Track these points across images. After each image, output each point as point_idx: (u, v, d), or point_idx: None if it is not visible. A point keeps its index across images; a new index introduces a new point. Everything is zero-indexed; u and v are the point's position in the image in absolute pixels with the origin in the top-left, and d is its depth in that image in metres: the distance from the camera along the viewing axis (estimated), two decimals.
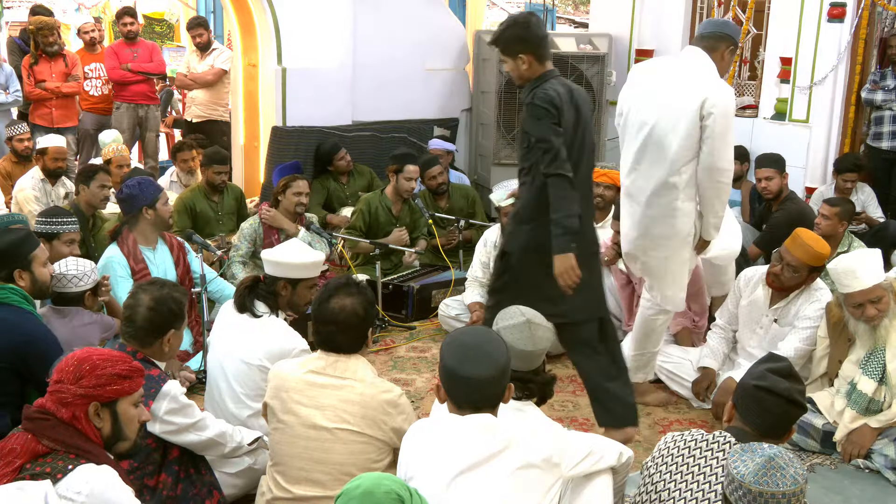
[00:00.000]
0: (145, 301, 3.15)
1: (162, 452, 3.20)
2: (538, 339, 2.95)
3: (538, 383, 2.96)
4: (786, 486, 2.15)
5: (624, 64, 8.15)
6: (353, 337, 3.07)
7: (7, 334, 3.37)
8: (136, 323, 3.13)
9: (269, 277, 3.77)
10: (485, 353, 2.54)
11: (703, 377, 4.60)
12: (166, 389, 3.09)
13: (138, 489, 3.08)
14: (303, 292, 3.80)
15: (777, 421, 2.61)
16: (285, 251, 3.85)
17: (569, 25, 17.67)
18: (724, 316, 4.76)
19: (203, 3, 12.60)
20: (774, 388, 2.59)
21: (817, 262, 4.34)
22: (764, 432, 2.61)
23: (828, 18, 6.74)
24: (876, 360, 3.90)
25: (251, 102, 7.47)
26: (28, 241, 3.66)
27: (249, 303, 3.70)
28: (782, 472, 2.16)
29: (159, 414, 3.08)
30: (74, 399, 2.38)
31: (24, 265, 3.58)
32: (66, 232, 4.60)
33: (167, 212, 4.91)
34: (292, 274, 3.75)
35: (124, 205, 4.89)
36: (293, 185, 5.60)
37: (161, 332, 3.16)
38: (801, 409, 2.64)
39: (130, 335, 3.15)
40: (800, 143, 7.00)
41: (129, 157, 6.91)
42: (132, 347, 3.13)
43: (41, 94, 8.07)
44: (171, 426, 3.13)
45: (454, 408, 2.57)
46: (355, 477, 2.14)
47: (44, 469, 2.29)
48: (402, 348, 5.36)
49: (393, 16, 7.58)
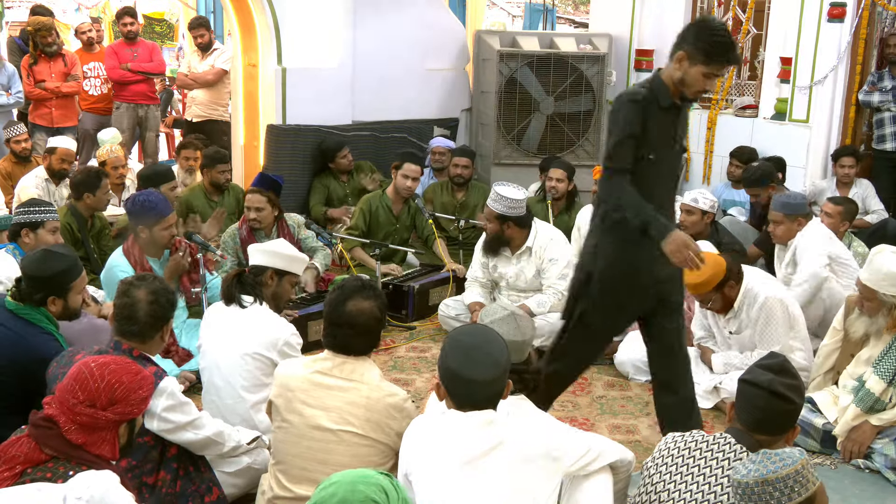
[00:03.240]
0: (143, 296, 3.13)
1: (160, 450, 3.19)
2: (524, 328, 3.02)
3: (532, 373, 3.00)
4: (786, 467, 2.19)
5: (624, 64, 8.16)
6: (368, 340, 3.08)
7: (19, 350, 3.35)
8: (140, 319, 3.11)
9: (256, 268, 3.87)
10: (486, 353, 2.55)
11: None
12: (163, 386, 3.07)
13: (137, 487, 3.08)
14: (286, 286, 3.90)
15: (764, 415, 2.59)
16: (275, 243, 4.05)
17: (569, 25, 17.67)
18: (699, 326, 4.81)
19: (203, 3, 12.60)
20: (756, 380, 2.60)
21: (715, 281, 4.36)
22: (753, 428, 2.61)
23: (828, 18, 6.74)
24: (889, 361, 3.88)
25: (251, 102, 7.47)
26: (74, 269, 3.59)
27: (236, 294, 3.74)
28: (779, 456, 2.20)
29: (157, 411, 3.06)
30: (108, 424, 2.41)
31: (60, 293, 3.53)
32: (49, 220, 4.62)
33: (164, 237, 4.77)
34: (280, 264, 3.86)
35: (129, 214, 4.88)
36: (245, 198, 5.61)
37: (162, 324, 3.19)
38: (786, 403, 2.59)
39: (132, 333, 3.12)
40: (800, 143, 7.00)
41: (124, 158, 6.90)
42: (129, 345, 3.11)
43: (41, 94, 8.07)
44: (168, 424, 3.12)
45: (455, 406, 2.58)
46: (329, 477, 2.04)
47: (44, 475, 2.30)
48: (402, 348, 5.35)
49: (393, 16, 7.58)
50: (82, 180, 5.53)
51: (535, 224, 5.28)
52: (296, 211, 6.53)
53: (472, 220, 6.52)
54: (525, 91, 7.55)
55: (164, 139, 10.72)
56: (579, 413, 4.54)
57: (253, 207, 5.50)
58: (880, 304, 3.91)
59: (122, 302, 3.14)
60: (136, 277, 3.29)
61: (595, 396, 4.75)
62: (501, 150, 7.71)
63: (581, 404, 4.63)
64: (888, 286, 3.87)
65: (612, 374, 5.04)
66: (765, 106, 7.35)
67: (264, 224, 5.53)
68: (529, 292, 5.26)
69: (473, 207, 6.77)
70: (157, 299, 3.15)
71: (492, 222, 5.19)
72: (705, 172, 7.72)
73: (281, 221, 5.64)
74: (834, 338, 4.34)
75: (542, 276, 5.22)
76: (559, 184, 6.32)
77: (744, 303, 4.47)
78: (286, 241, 4.07)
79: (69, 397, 2.38)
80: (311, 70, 7.20)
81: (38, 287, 3.47)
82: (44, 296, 3.49)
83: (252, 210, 5.50)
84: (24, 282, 3.48)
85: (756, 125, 7.37)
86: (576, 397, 4.71)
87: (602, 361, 5.19)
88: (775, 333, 4.40)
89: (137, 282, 3.20)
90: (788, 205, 5.10)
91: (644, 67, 8.16)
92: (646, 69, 8.16)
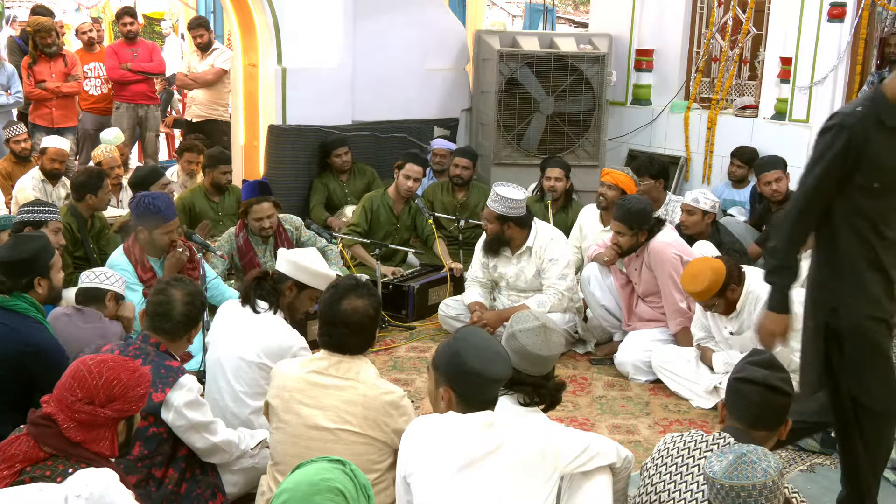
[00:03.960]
0: (179, 296, 3.25)
1: (172, 445, 3.23)
2: (553, 344, 2.92)
3: (549, 389, 2.93)
4: (756, 478, 2.19)
5: (624, 64, 8.15)
6: (363, 338, 3.09)
7: (13, 343, 3.35)
8: (174, 318, 3.23)
9: (279, 275, 3.80)
10: (496, 352, 2.65)
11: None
12: (184, 381, 3.15)
13: (145, 477, 3.13)
14: (305, 300, 3.83)
15: (761, 411, 2.62)
16: (306, 255, 3.87)
17: (569, 25, 17.67)
18: (699, 327, 4.79)
19: (203, 3, 12.60)
20: (751, 377, 2.63)
21: (715, 288, 4.36)
22: (752, 425, 2.64)
23: (828, 18, 6.73)
24: None
25: (251, 102, 7.46)
26: (49, 248, 3.64)
27: (252, 297, 3.72)
28: (753, 467, 2.20)
29: (175, 403, 3.12)
30: (107, 421, 2.41)
31: (44, 273, 3.56)
32: (52, 221, 4.64)
33: (164, 241, 4.73)
34: (304, 278, 3.77)
35: (133, 213, 4.86)
36: (253, 210, 5.36)
37: (193, 326, 3.30)
38: (783, 396, 2.64)
39: (164, 330, 3.23)
40: (800, 143, 6.99)
41: (119, 158, 6.90)
42: (157, 339, 3.21)
43: (41, 94, 8.07)
44: (183, 419, 3.15)
45: (465, 408, 2.59)
46: (283, 482, 2.02)
47: (43, 473, 2.30)
48: (402, 348, 5.36)
49: (393, 16, 7.57)
50: (84, 181, 5.50)
51: (536, 224, 5.27)
52: (296, 211, 6.52)
53: (472, 220, 6.52)
54: (525, 91, 7.55)
55: (164, 139, 10.72)
56: (579, 413, 4.54)
57: (265, 217, 5.36)
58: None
59: (158, 299, 3.26)
60: (174, 278, 3.43)
61: (595, 396, 4.75)
62: (501, 150, 7.70)
63: (581, 404, 4.63)
64: None
65: (612, 374, 5.04)
66: (765, 106, 7.34)
67: (274, 230, 5.47)
68: (529, 292, 5.26)
69: (474, 207, 6.77)
70: (192, 301, 3.28)
71: (492, 223, 5.18)
72: (705, 172, 7.71)
73: (278, 228, 5.51)
74: None
75: (542, 276, 5.22)
76: (557, 183, 6.32)
77: (746, 303, 4.47)
78: (317, 254, 3.91)
79: (67, 395, 2.39)
80: (311, 70, 7.19)
81: (21, 271, 3.49)
82: (30, 279, 3.51)
83: (264, 219, 5.37)
84: (4, 271, 3.47)
85: (756, 125, 7.36)
86: (576, 397, 4.71)
87: (602, 361, 5.21)
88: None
89: (175, 282, 3.34)
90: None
91: (644, 67, 8.16)
92: (646, 69, 8.16)
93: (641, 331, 5.12)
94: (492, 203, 5.15)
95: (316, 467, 2.02)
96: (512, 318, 3.03)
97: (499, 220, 5.14)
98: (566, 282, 5.17)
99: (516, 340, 2.88)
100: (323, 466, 2.02)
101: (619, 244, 5.01)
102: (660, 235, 4.97)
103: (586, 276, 5.34)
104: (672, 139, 7.97)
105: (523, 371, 2.83)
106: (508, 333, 2.93)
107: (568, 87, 7.55)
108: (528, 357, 2.85)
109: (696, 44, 7.99)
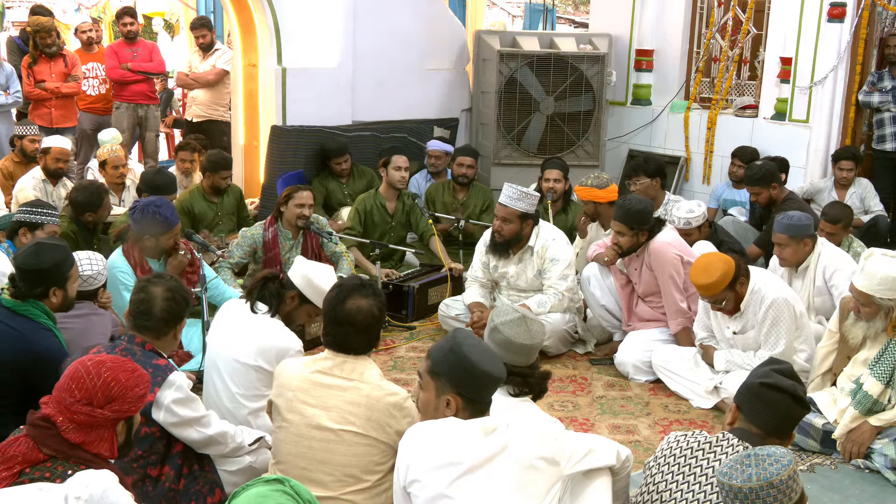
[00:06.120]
0: (159, 293, 3.22)
1: (166, 443, 3.22)
2: (534, 332, 3.03)
3: (536, 378, 3.03)
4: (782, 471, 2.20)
5: (624, 64, 8.16)
6: (368, 338, 3.08)
7: (19, 347, 3.36)
8: (155, 315, 3.19)
9: (288, 281, 3.78)
10: (494, 352, 2.71)
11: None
12: (172, 378, 3.13)
13: (141, 477, 3.13)
14: (303, 313, 3.82)
15: (783, 419, 2.64)
16: (320, 272, 3.79)
17: (569, 25, 17.68)
18: (701, 327, 4.78)
19: (203, 3, 12.60)
20: (780, 384, 2.64)
21: (727, 280, 4.34)
22: (769, 431, 2.64)
23: (828, 18, 6.74)
24: (886, 363, 3.87)
25: (251, 102, 7.46)
26: (69, 259, 3.64)
27: (254, 297, 3.72)
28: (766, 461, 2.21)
29: (164, 402, 3.11)
30: (106, 422, 2.40)
31: (61, 283, 3.56)
32: (49, 224, 4.61)
33: (167, 244, 4.73)
34: (309, 293, 3.74)
35: (134, 222, 4.77)
36: (296, 196, 5.48)
37: (177, 321, 3.26)
38: (804, 408, 2.67)
39: (147, 328, 3.20)
40: (800, 143, 7.01)
41: (124, 157, 6.89)
42: (142, 339, 3.18)
43: (41, 94, 8.06)
44: (174, 417, 3.14)
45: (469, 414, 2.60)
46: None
47: (42, 474, 2.30)
48: (402, 348, 5.36)
49: (393, 16, 7.57)
50: (84, 201, 5.40)
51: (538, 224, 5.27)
52: None
53: (472, 220, 6.52)
54: (525, 91, 7.55)
55: (164, 139, 10.71)
56: (579, 413, 4.54)
57: (306, 204, 5.50)
58: (877, 308, 3.91)
59: (139, 297, 3.23)
60: (155, 275, 3.39)
61: (595, 396, 4.75)
62: (501, 150, 7.70)
63: (581, 404, 4.63)
64: (883, 290, 3.87)
65: (612, 374, 5.04)
66: (765, 106, 7.35)
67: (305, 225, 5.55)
68: (530, 292, 5.25)
69: (474, 207, 6.77)
70: (173, 297, 3.24)
71: (512, 222, 5.12)
72: (705, 172, 7.72)
73: (307, 231, 5.59)
74: (830, 340, 4.34)
75: (542, 276, 5.21)
76: (556, 184, 6.30)
77: (750, 303, 4.46)
78: (332, 274, 3.83)
79: (66, 396, 2.38)
80: (311, 70, 7.19)
81: (38, 280, 3.49)
82: (45, 288, 3.51)
83: (305, 207, 5.49)
84: (21, 277, 3.48)
85: (756, 125, 7.37)
86: (576, 397, 4.71)
87: (602, 361, 5.20)
88: (782, 334, 4.38)
89: (155, 279, 3.30)
90: (793, 227, 4.78)
91: (644, 67, 8.16)
92: (646, 69, 8.17)
93: (641, 331, 5.12)
94: (513, 202, 5.05)
95: (254, 493, 1.98)
96: (491, 314, 3.12)
97: (520, 219, 5.11)
98: (567, 282, 5.17)
99: (500, 333, 2.99)
100: (260, 491, 1.98)
101: (619, 244, 5.01)
102: (660, 235, 4.97)
103: (586, 276, 5.33)
104: (672, 139, 7.98)
105: (509, 363, 2.90)
106: (491, 328, 3.03)
107: (568, 88, 7.55)
108: (512, 348, 2.96)
109: (696, 44, 8.00)
